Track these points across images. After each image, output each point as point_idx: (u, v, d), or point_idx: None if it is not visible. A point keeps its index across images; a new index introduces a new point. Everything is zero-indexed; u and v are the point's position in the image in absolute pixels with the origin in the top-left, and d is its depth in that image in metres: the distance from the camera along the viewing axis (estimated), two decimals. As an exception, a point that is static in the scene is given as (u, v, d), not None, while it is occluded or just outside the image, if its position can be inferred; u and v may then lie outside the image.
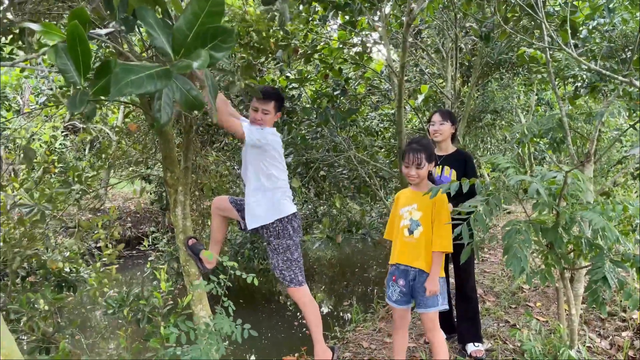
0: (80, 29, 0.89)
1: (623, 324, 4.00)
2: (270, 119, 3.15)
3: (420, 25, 6.76)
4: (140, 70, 0.90)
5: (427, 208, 2.88)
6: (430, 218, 2.87)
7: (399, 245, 2.98)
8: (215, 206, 3.42)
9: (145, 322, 3.60)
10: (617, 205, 2.38)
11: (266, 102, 3.09)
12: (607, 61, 3.51)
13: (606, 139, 6.70)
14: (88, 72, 0.94)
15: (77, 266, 4.36)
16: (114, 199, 12.04)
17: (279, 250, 3.20)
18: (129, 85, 0.88)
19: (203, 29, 0.95)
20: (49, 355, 3.65)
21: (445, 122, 3.61)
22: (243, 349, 5.52)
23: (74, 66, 0.92)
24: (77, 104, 0.92)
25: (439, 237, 2.83)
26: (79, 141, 7.17)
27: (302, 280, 3.28)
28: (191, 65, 0.92)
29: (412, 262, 2.90)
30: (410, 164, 2.90)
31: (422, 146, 2.90)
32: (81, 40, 0.90)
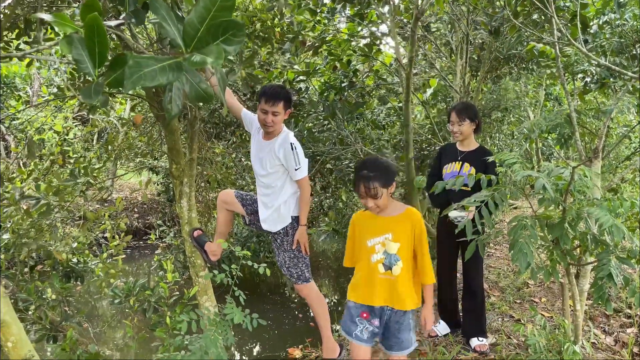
0: (99, 20, 0.90)
1: (628, 321, 4.00)
2: (280, 120, 3.10)
3: (430, 18, 6.73)
4: (153, 63, 0.91)
5: (406, 236, 2.48)
6: (411, 248, 2.50)
7: (373, 283, 2.52)
8: (221, 200, 3.43)
9: (151, 312, 3.64)
10: (624, 202, 2.37)
11: (275, 104, 3.02)
12: (617, 57, 3.49)
13: (615, 135, 6.66)
14: (103, 64, 0.95)
15: (84, 257, 4.41)
16: (121, 190, 12.11)
17: (286, 248, 3.21)
18: (143, 78, 0.89)
19: (214, 23, 0.95)
20: (56, 343, 3.70)
21: (463, 122, 3.51)
22: (248, 341, 5.56)
23: (89, 57, 0.93)
24: (92, 95, 0.93)
25: (428, 269, 2.51)
26: (86, 132, 7.21)
27: (309, 277, 3.29)
28: (206, 61, 0.93)
29: (393, 304, 2.51)
30: (364, 195, 2.43)
31: (373, 170, 2.39)
32: (99, 31, 0.91)
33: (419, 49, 6.94)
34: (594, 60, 2.82)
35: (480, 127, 3.64)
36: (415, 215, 2.50)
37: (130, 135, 6.00)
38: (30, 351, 2.25)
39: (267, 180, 3.17)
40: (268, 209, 3.20)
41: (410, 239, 2.48)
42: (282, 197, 3.17)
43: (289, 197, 3.19)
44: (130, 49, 2.70)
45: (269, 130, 3.11)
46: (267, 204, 3.20)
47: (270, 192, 3.18)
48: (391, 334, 2.56)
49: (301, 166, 3.08)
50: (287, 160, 3.06)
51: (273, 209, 3.18)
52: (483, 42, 6.40)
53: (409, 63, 4.66)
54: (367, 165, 2.43)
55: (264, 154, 3.16)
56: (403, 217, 2.50)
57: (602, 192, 3.25)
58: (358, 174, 2.43)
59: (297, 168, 3.07)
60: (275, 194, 3.17)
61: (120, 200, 4.58)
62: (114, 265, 4.35)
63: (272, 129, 3.10)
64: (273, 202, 3.17)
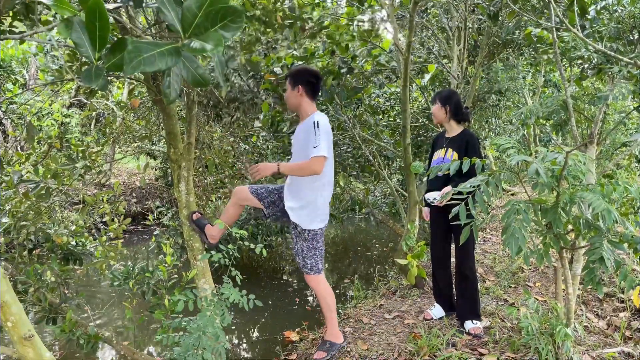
0: (101, 4, 0.91)
1: (621, 305, 4.06)
2: (290, 95, 3.22)
3: (428, 3, 6.70)
4: (152, 48, 0.93)
5: None
6: None
7: None
8: (237, 197, 3.40)
9: (150, 295, 3.68)
10: (617, 187, 2.40)
11: (284, 82, 3.20)
12: (614, 42, 3.49)
13: (612, 121, 6.68)
14: (104, 47, 0.97)
15: (83, 240, 4.43)
16: (119, 175, 12.11)
17: (307, 237, 3.22)
18: (142, 63, 0.91)
19: (213, 9, 0.96)
20: (55, 324, 3.74)
21: (434, 105, 3.72)
22: (245, 324, 5.62)
23: (89, 41, 0.94)
24: (92, 78, 0.94)
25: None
26: (84, 117, 7.21)
27: (321, 269, 3.30)
28: (205, 48, 0.94)
29: None
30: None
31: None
32: (101, 15, 0.92)
33: (417, 34, 6.92)
34: (591, 46, 2.83)
35: (459, 113, 3.71)
36: None
37: (127, 120, 6.00)
38: (30, 330, 2.28)
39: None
40: (295, 200, 3.19)
41: None
42: (307, 191, 3.18)
43: (313, 192, 3.20)
44: (127, 31, 2.70)
45: (290, 109, 3.31)
46: (293, 194, 3.20)
47: (296, 184, 3.18)
48: None
49: (319, 144, 2.95)
50: (307, 137, 3.03)
51: (296, 199, 3.18)
52: (480, 27, 6.38)
53: (406, 48, 4.65)
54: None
55: (295, 139, 3.25)
56: None
57: (597, 178, 3.28)
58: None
59: (316, 146, 2.95)
60: (296, 183, 3.18)
61: (118, 184, 4.59)
62: (113, 248, 4.38)
63: (288, 107, 3.30)
64: (299, 194, 3.18)
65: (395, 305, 4.41)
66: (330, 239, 9.82)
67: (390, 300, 4.55)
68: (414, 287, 4.79)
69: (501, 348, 3.39)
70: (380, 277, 5.61)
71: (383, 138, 6.65)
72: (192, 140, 3.58)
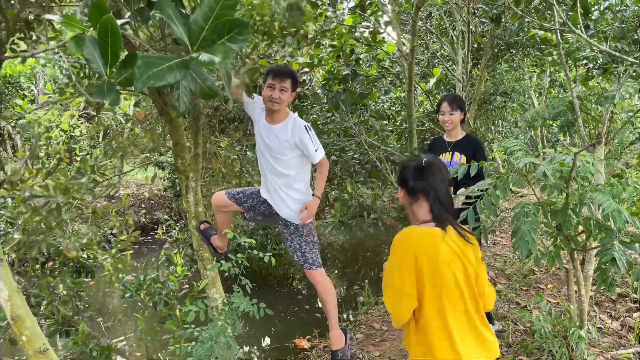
0: (113, 21, 0.93)
1: (634, 305, 4.02)
2: (287, 98, 3.05)
3: (432, 8, 6.72)
4: (161, 63, 0.94)
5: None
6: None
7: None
8: (215, 205, 3.39)
9: (161, 305, 3.69)
10: (627, 187, 2.39)
11: (284, 79, 3.00)
12: (619, 42, 3.49)
13: (619, 121, 6.64)
14: (115, 63, 0.99)
15: (93, 252, 4.46)
16: (128, 186, 12.18)
17: (303, 233, 3.20)
18: (152, 78, 0.93)
19: (220, 22, 0.98)
20: (69, 337, 3.76)
21: (454, 112, 3.62)
22: (256, 333, 5.62)
23: (100, 57, 0.97)
24: (105, 92, 0.96)
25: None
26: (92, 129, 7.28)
27: (321, 263, 3.29)
28: (214, 60, 0.96)
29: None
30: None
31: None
32: (113, 31, 0.94)
33: (421, 38, 6.93)
34: (595, 46, 2.83)
35: (465, 120, 3.76)
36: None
37: (135, 132, 6.04)
38: (45, 344, 2.30)
39: (281, 169, 3.12)
40: (293, 201, 3.16)
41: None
42: (301, 185, 3.17)
43: (307, 186, 3.21)
44: (133, 46, 2.73)
45: (276, 108, 3.03)
46: (290, 196, 3.16)
47: (285, 183, 3.14)
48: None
49: (318, 146, 3.08)
50: (304, 143, 3.03)
51: (295, 200, 3.16)
52: (484, 30, 6.39)
53: (410, 53, 4.67)
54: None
55: (274, 141, 3.10)
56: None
57: (606, 178, 3.27)
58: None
59: (317, 149, 3.06)
60: (289, 185, 3.15)
61: (126, 197, 4.62)
62: (122, 260, 4.41)
63: (278, 107, 3.03)
64: (293, 194, 3.15)
65: (407, 310, 4.38)
66: (339, 245, 9.81)
67: (401, 306, 4.53)
68: None
69: (514, 351, 3.37)
70: (391, 283, 5.58)
71: (389, 143, 6.65)
72: (198, 151, 3.61)
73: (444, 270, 1.76)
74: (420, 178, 1.87)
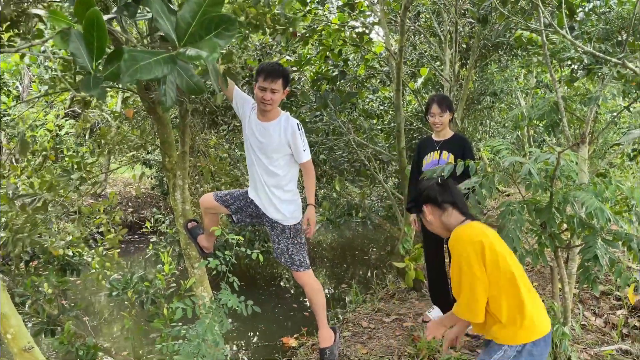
0: (99, 15, 0.93)
1: (617, 303, 4.08)
2: (279, 98, 3.03)
3: (420, 8, 6.76)
4: (148, 57, 0.95)
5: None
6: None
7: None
8: (204, 206, 3.36)
9: (149, 304, 3.67)
10: (609, 185, 2.43)
11: (274, 81, 2.95)
12: (603, 43, 3.54)
13: (603, 121, 6.73)
14: (101, 57, 0.98)
15: (79, 250, 4.42)
16: (115, 185, 12.09)
17: (290, 235, 3.16)
18: (139, 71, 0.93)
19: (207, 18, 0.99)
20: (54, 336, 3.73)
21: (444, 113, 3.67)
22: (243, 331, 5.62)
23: (86, 51, 0.96)
24: (91, 86, 0.96)
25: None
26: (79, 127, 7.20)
27: (309, 264, 3.25)
28: (201, 55, 0.96)
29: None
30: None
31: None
32: (99, 26, 0.94)
33: (409, 38, 6.97)
34: (580, 47, 2.87)
35: (453, 119, 3.84)
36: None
37: (122, 129, 6.00)
38: (30, 342, 2.29)
39: (272, 168, 3.09)
40: (281, 202, 3.12)
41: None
42: (290, 186, 3.16)
43: (295, 186, 3.19)
44: (120, 42, 2.72)
45: (267, 109, 3.04)
46: (279, 197, 3.12)
47: (275, 183, 3.11)
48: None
49: (307, 148, 3.07)
50: (295, 141, 3.02)
51: (283, 202, 3.12)
52: (471, 30, 6.44)
53: (399, 52, 4.69)
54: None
55: (266, 138, 3.07)
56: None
57: (589, 177, 3.32)
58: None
59: (305, 149, 3.05)
60: (279, 185, 3.12)
61: (113, 195, 4.60)
62: (110, 258, 4.38)
63: (270, 107, 3.03)
64: (282, 195, 3.12)
65: (394, 308, 4.42)
66: (328, 244, 9.84)
67: (388, 304, 4.56)
68: (412, 289, 4.80)
69: (500, 348, 3.40)
70: (378, 281, 5.62)
71: (378, 142, 6.68)
72: (186, 149, 3.60)
73: (500, 252, 2.07)
74: (445, 192, 2.24)
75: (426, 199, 2.27)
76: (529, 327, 2.02)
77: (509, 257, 2.09)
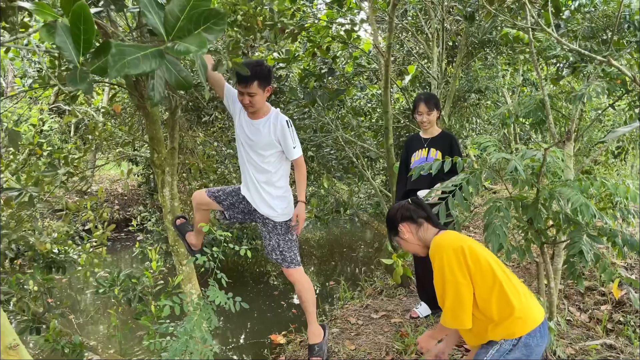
0: (86, 8, 0.91)
1: (602, 298, 4.14)
2: (258, 100, 2.97)
3: (407, 5, 6.77)
4: (136, 51, 0.94)
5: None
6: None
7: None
8: (196, 202, 3.34)
9: (136, 302, 3.65)
10: (594, 182, 2.46)
11: (248, 85, 2.89)
12: (589, 41, 3.58)
13: (588, 119, 6.81)
14: (88, 51, 0.97)
15: (65, 247, 4.38)
16: (101, 182, 11.98)
17: (281, 232, 3.17)
18: (127, 66, 0.92)
19: (196, 12, 0.98)
20: (39, 334, 3.69)
21: (432, 112, 3.73)
22: (232, 329, 5.61)
23: (73, 44, 0.95)
24: (77, 80, 0.95)
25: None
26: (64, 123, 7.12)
27: (300, 261, 3.26)
28: (190, 49, 0.95)
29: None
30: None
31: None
32: (86, 18, 0.92)
33: (397, 36, 6.99)
34: (565, 45, 2.90)
35: (440, 117, 3.91)
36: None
37: (109, 126, 5.95)
38: (15, 339, 2.26)
39: (263, 165, 3.09)
40: (272, 199, 3.12)
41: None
42: (281, 183, 3.15)
43: (286, 183, 3.19)
44: (108, 36, 2.69)
45: (250, 111, 3.04)
46: (270, 193, 3.12)
47: (266, 180, 3.11)
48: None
49: (297, 144, 3.07)
50: (285, 138, 3.01)
51: (275, 198, 3.13)
52: (459, 28, 6.47)
53: (387, 50, 4.70)
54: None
55: (256, 136, 3.06)
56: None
57: (575, 174, 3.36)
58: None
59: (295, 146, 3.04)
60: (270, 181, 3.12)
61: (102, 190, 4.56)
62: (97, 255, 4.34)
63: (253, 109, 3.02)
64: (273, 191, 3.12)
65: (382, 304, 4.44)
66: (316, 242, 9.84)
67: (376, 300, 4.58)
68: (399, 286, 4.82)
69: (486, 343, 3.43)
70: (366, 278, 5.64)
71: (366, 139, 6.70)
72: (175, 145, 3.58)
73: (480, 251, 2.13)
74: (418, 208, 2.37)
75: (401, 218, 2.37)
76: (522, 318, 2.05)
77: (488, 256, 2.14)
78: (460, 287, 2.05)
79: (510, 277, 2.14)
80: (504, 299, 2.05)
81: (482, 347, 2.16)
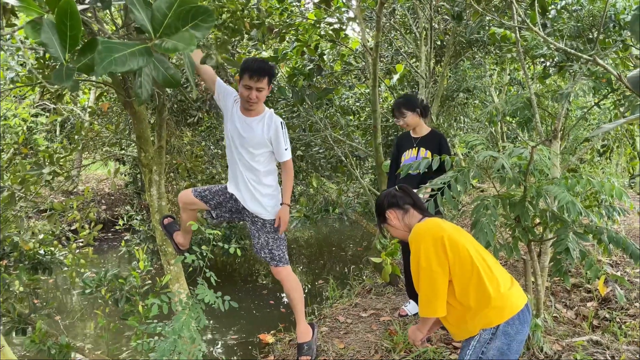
0: (73, 4, 0.90)
1: (588, 295, 4.19)
2: (264, 96, 3.01)
3: (395, 4, 6.79)
4: (123, 48, 0.92)
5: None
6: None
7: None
8: (182, 202, 3.31)
9: (123, 302, 3.62)
10: (580, 180, 2.48)
11: (260, 79, 2.92)
12: (575, 41, 3.61)
13: (574, 117, 6.88)
14: (74, 47, 0.96)
15: (51, 248, 4.33)
16: (87, 182, 11.87)
17: (270, 230, 3.16)
18: (114, 63, 0.91)
19: (184, 9, 0.97)
20: (25, 335, 3.65)
21: (405, 115, 3.75)
22: (220, 328, 5.59)
23: (59, 41, 0.93)
24: (63, 78, 0.93)
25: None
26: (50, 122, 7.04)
27: (288, 260, 3.25)
28: (178, 47, 0.94)
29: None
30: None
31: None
32: (72, 15, 0.91)
33: (385, 35, 7.00)
34: (552, 44, 2.92)
35: (426, 112, 3.86)
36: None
37: (95, 125, 5.89)
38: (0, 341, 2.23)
39: (253, 163, 3.08)
40: (262, 196, 3.11)
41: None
42: (271, 181, 3.15)
43: (275, 181, 3.19)
44: (94, 34, 2.66)
45: (252, 108, 3.03)
46: (259, 191, 3.11)
47: (256, 178, 3.10)
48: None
49: (288, 147, 3.08)
50: (277, 140, 3.02)
51: (264, 195, 3.12)
52: (446, 27, 6.50)
53: (375, 48, 4.71)
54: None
55: (249, 133, 3.04)
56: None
57: (561, 172, 3.39)
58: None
59: (286, 148, 3.06)
60: (259, 180, 3.10)
61: (88, 190, 4.52)
62: (84, 255, 4.30)
63: (255, 106, 3.02)
64: (262, 189, 3.11)
65: (371, 303, 4.45)
66: (305, 241, 9.84)
67: (365, 299, 4.59)
68: (388, 284, 4.84)
69: (474, 341, 3.45)
70: (355, 276, 5.65)
71: (354, 138, 6.70)
72: (162, 144, 3.56)
73: (459, 239, 2.14)
74: (405, 195, 2.39)
75: (388, 205, 2.41)
76: (498, 307, 2.05)
77: (468, 244, 2.14)
78: (434, 274, 2.07)
79: (491, 265, 2.14)
80: (482, 288, 2.05)
81: (465, 342, 2.18)
